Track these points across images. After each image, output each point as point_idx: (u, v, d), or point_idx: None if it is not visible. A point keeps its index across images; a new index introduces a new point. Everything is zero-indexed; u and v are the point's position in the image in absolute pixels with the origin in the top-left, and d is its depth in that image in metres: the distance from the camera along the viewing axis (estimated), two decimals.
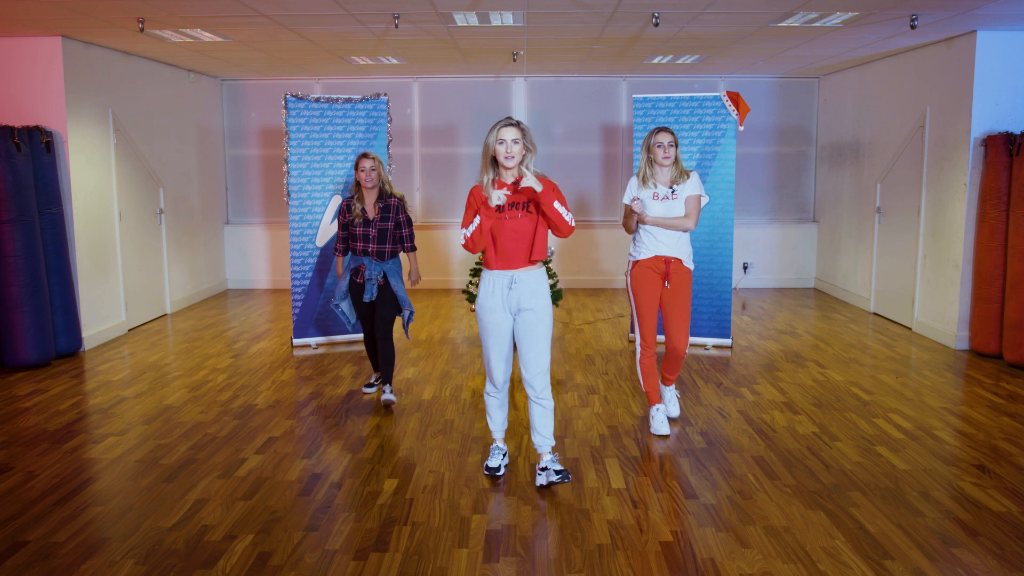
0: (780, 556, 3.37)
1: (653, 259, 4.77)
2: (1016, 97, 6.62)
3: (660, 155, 4.69)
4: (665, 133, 4.71)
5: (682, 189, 4.74)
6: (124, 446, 4.68)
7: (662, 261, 4.76)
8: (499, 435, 4.30)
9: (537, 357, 3.99)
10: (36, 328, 6.29)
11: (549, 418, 4.08)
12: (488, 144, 3.89)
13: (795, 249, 10.10)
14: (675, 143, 4.72)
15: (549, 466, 4.04)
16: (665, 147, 4.68)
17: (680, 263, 4.77)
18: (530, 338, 3.98)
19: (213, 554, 3.40)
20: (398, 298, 5.41)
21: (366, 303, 5.42)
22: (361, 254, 5.36)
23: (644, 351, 4.84)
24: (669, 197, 4.73)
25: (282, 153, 7.77)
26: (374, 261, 5.35)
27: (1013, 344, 6.23)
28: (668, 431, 4.82)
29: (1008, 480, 4.14)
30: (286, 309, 8.76)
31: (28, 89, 6.71)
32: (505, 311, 4.00)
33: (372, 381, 5.74)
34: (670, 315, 4.82)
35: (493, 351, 4.06)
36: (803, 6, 5.58)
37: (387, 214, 5.36)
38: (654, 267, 4.77)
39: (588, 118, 9.97)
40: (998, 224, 6.40)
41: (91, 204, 7.10)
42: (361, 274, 5.37)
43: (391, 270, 5.40)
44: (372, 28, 6.42)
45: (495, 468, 4.24)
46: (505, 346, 4.06)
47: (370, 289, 5.34)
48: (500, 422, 4.27)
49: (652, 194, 4.76)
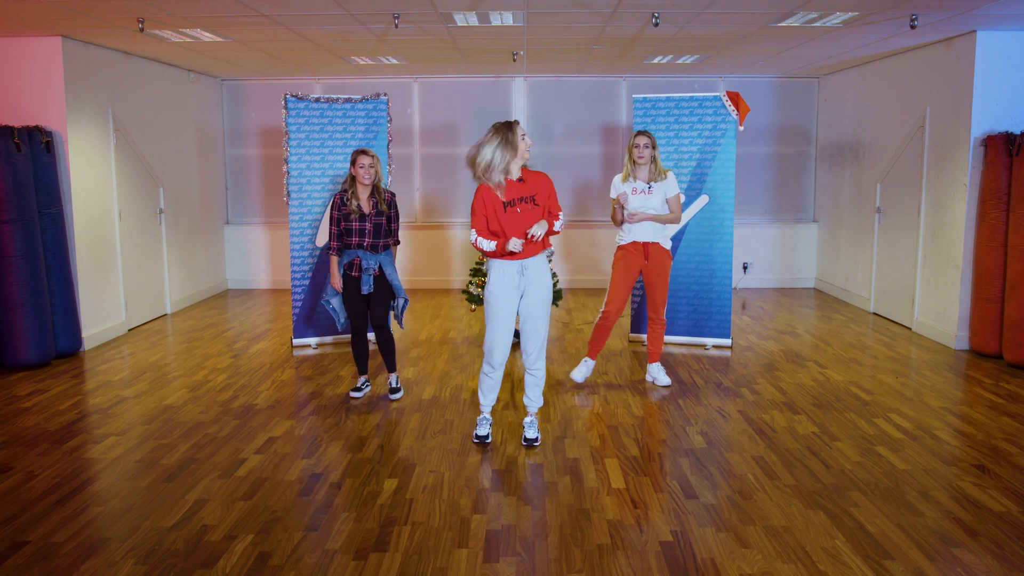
0: (780, 556, 3.37)
1: (632, 244, 5.66)
2: (1016, 97, 6.62)
3: (636, 155, 5.54)
4: (642, 136, 5.56)
5: (659, 187, 5.58)
6: (124, 446, 4.68)
7: (641, 245, 5.65)
8: (488, 409, 4.70)
9: (536, 333, 4.51)
10: (36, 328, 6.29)
11: (539, 386, 4.67)
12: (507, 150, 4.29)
13: (795, 249, 10.10)
14: (651, 145, 5.56)
15: (526, 428, 4.67)
16: (641, 148, 5.54)
17: (658, 245, 5.66)
18: (533, 317, 4.48)
19: (213, 554, 3.40)
20: (393, 286, 5.44)
21: (362, 296, 5.42)
22: (356, 247, 5.35)
23: (604, 318, 5.72)
24: (646, 192, 5.58)
25: (282, 153, 7.77)
26: (369, 253, 5.36)
27: (1013, 344, 6.23)
28: (582, 380, 5.83)
29: (1008, 480, 4.14)
30: (286, 309, 8.77)
31: (28, 89, 6.71)
32: (514, 296, 4.45)
33: (359, 385, 5.65)
34: (651, 288, 5.73)
35: (498, 333, 4.47)
36: (803, 6, 5.59)
37: (381, 208, 5.38)
38: (633, 250, 5.65)
39: (588, 118, 9.97)
40: (998, 224, 6.40)
41: (91, 204, 7.10)
42: (356, 267, 5.37)
43: (385, 260, 5.43)
44: (372, 28, 6.42)
45: (484, 436, 4.65)
46: (510, 329, 4.52)
47: (367, 281, 5.35)
48: (492, 399, 4.69)
49: (632, 189, 5.62)
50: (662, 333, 5.85)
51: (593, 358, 5.84)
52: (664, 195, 5.59)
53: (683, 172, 6.78)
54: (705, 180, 6.74)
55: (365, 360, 5.64)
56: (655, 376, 5.87)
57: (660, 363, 5.96)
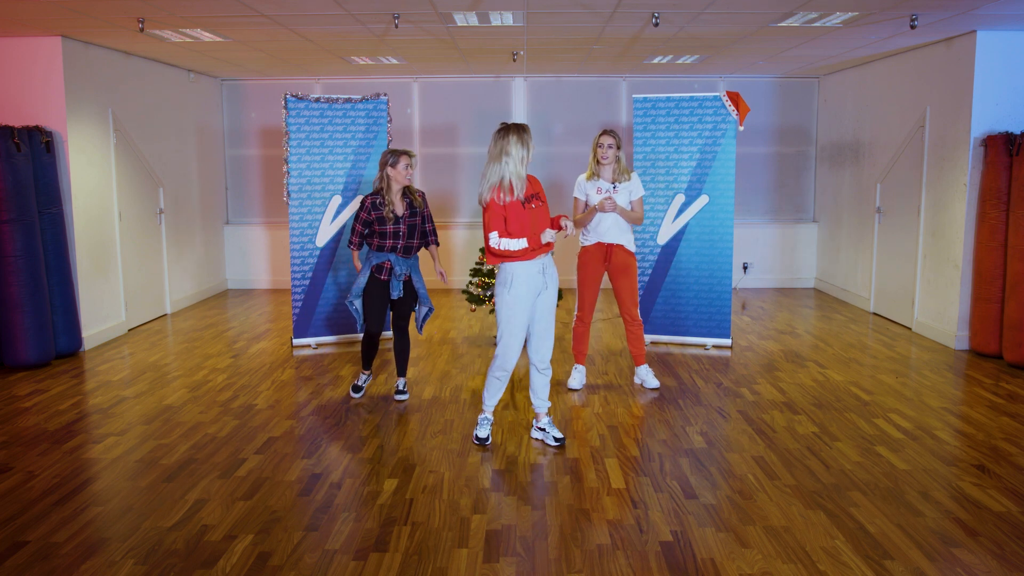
0: (780, 556, 3.37)
1: (596, 245, 5.60)
2: (1016, 97, 6.62)
3: (600, 154, 5.49)
4: (607, 136, 5.49)
5: (624, 186, 5.54)
6: (124, 446, 4.68)
7: (604, 247, 5.58)
8: (492, 409, 4.75)
9: (551, 331, 4.58)
10: (36, 328, 6.29)
11: (548, 385, 4.71)
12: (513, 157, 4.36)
13: (795, 249, 10.10)
14: (616, 145, 5.49)
15: (548, 428, 4.68)
16: (605, 148, 5.48)
17: (622, 247, 5.59)
18: (548, 315, 4.55)
19: (213, 554, 3.40)
20: (419, 295, 5.42)
21: (386, 301, 5.35)
22: (389, 251, 5.28)
23: (579, 322, 5.73)
24: (611, 192, 5.52)
25: (282, 153, 7.77)
26: (401, 258, 5.31)
27: (1013, 344, 6.23)
28: (580, 386, 5.75)
29: (1008, 480, 4.14)
30: (286, 309, 8.77)
31: (28, 89, 6.71)
32: (534, 298, 4.48)
33: (359, 383, 5.64)
34: (619, 291, 5.65)
35: (518, 337, 4.49)
36: (803, 6, 5.58)
37: (415, 209, 5.34)
38: (597, 251, 5.59)
39: (588, 118, 9.97)
40: (998, 224, 6.40)
41: (91, 204, 7.10)
42: (385, 271, 5.32)
43: (414, 267, 5.41)
44: (372, 28, 6.42)
45: (484, 438, 4.67)
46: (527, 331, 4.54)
47: (396, 286, 5.30)
48: (499, 399, 4.79)
49: (596, 188, 5.56)
50: (640, 334, 5.76)
51: (582, 363, 5.80)
52: (629, 195, 5.56)
53: (683, 172, 6.78)
54: (705, 180, 6.74)
55: (371, 359, 5.62)
56: (643, 379, 5.81)
57: (647, 365, 5.90)
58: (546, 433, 4.68)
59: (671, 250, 6.84)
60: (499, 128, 4.39)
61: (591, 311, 5.69)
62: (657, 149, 6.83)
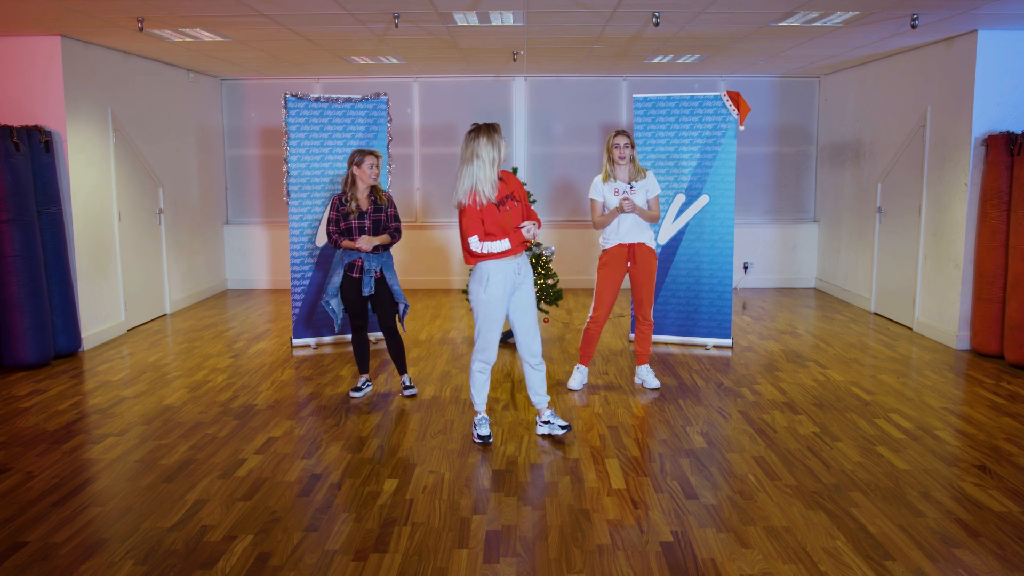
0: (781, 556, 3.36)
1: (618, 247, 5.57)
2: (1017, 97, 6.61)
3: (616, 155, 5.44)
4: (621, 136, 5.46)
5: (640, 185, 5.51)
6: (123, 446, 4.67)
7: (627, 247, 5.56)
8: (483, 407, 4.77)
9: (534, 326, 4.64)
10: (35, 328, 6.28)
11: (544, 380, 4.75)
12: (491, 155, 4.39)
13: (795, 249, 10.09)
14: (630, 144, 5.46)
15: (552, 420, 4.76)
16: (621, 148, 5.44)
17: (643, 245, 5.57)
18: (529, 310, 4.62)
19: (213, 554, 3.39)
20: (393, 292, 5.45)
21: (363, 297, 5.42)
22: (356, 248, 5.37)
23: (593, 323, 5.68)
24: (628, 192, 5.49)
25: (282, 153, 7.76)
26: (371, 255, 5.36)
27: (1014, 344, 6.22)
28: (579, 388, 5.74)
29: (1009, 480, 4.14)
30: (286, 309, 8.76)
31: (27, 89, 6.70)
32: (509, 295, 4.54)
33: (360, 385, 5.65)
34: (638, 289, 5.65)
35: (495, 332, 4.57)
36: (803, 6, 5.58)
37: (379, 206, 5.41)
38: (619, 253, 5.56)
39: (588, 118, 9.96)
40: (999, 224, 6.40)
41: (90, 204, 7.10)
42: (356, 268, 5.37)
43: (386, 264, 5.44)
44: (372, 28, 6.41)
45: (487, 436, 4.69)
46: (502, 326, 4.63)
47: (368, 282, 5.36)
48: (486, 395, 4.78)
49: (613, 189, 5.51)
50: (650, 334, 5.77)
51: (586, 364, 5.78)
52: (646, 194, 5.53)
53: (683, 172, 6.78)
54: (705, 180, 6.73)
55: (366, 360, 5.63)
56: (644, 379, 5.80)
57: (649, 365, 5.91)
58: (551, 425, 4.74)
59: (672, 250, 6.84)
60: (470, 129, 4.42)
61: (607, 313, 5.65)
62: (657, 149, 6.82)
